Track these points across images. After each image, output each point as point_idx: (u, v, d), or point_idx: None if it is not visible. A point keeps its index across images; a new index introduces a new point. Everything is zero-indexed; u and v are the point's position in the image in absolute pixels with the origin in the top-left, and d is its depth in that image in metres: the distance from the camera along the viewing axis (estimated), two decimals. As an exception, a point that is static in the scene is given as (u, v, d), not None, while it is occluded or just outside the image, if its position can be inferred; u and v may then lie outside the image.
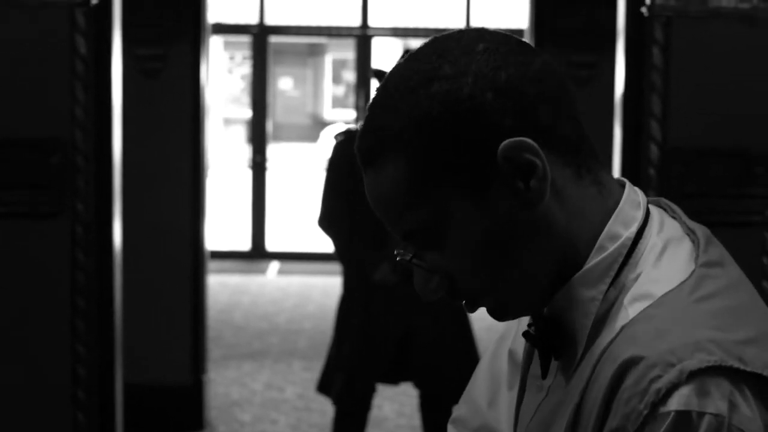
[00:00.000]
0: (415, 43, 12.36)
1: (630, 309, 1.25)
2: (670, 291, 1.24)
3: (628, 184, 1.34)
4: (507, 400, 1.48)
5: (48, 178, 3.90)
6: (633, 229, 1.29)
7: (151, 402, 6.01)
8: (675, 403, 1.16)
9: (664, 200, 1.38)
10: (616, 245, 1.28)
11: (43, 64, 3.90)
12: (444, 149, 1.25)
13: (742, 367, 1.18)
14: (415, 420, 6.17)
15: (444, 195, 1.26)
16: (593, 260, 1.28)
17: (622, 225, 1.29)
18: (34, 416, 4.04)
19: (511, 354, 1.48)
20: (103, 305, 4.07)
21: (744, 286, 1.29)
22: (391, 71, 1.30)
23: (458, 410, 1.55)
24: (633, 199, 1.32)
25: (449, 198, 1.26)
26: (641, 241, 1.29)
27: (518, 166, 1.25)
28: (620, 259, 1.28)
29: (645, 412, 1.16)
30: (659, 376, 1.17)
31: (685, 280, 1.25)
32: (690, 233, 1.32)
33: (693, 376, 1.16)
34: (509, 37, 1.30)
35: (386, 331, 4.78)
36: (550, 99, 1.27)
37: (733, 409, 1.16)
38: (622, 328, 1.24)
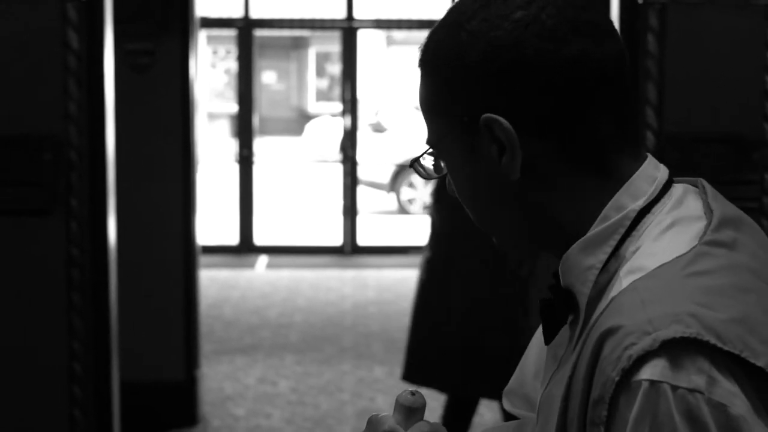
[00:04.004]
0: (400, 35, 12.34)
1: (624, 281, 1.23)
2: (663, 264, 1.22)
3: (649, 159, 1.32)
4: None
5: (42, 175, 3.89)
6: (640, 202, 1.28)
7: (145, 398, 5.99)
8: (647, 372, 1.14)
9: (702, 180, 1.35)
10: (619, 216, 1.27)
11: (35, 59, 3.88)
12: (452, 85, 1.30)
13: (719, 344, 1.14)
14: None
15: (447, 126, 1.32)
16: (595, 229, 1.28)
17: (630, 197, 1.28)
18: (32, 413, 4.02)
19: None
20: (99, 302, 4.05)
21: (749, 272, 1.24)
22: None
23: (511, 382, 1.55)
24: (649, 174, 1.30)
25: (450, 130, 1.32)
26: (648, 215, 1.28)
27: (494, 138, 1.28)
28: (621, 230, 1.27)
29: (617, 378, 1.15)
30: (633, 344, 1.15)
31: (681, 255, 1.22)
32: (708, 213, 1.29)
33: (667, 346, 1.14)
34: (565, 10, 1.29)
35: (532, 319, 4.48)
36: (563, 91, 1.26)
37: (712, 383, 1.13)
38: (612, 299, 1.22)
